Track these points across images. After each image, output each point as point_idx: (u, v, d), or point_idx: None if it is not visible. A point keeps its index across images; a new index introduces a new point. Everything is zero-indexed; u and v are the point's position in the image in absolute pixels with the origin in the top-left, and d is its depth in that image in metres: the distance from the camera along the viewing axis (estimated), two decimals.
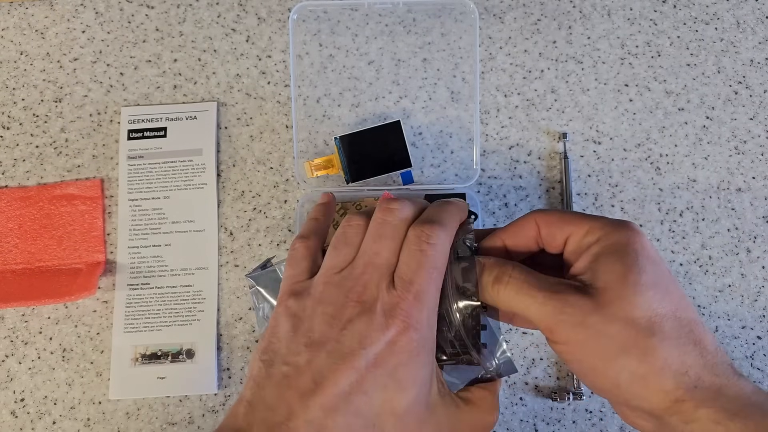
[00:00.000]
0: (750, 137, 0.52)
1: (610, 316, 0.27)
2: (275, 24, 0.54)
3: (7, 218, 0.50)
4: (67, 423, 0.47)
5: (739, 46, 0.53)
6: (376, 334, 0.28)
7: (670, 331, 0.26)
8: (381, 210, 0.31)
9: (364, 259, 0.30)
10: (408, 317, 0.28)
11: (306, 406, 0.27)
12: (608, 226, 0.29)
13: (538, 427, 0.47)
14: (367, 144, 0.47)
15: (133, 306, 0.49)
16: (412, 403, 0.29)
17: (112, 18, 0.54)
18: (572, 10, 0.54)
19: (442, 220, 0.31)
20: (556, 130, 0.52)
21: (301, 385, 0.28)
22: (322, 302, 0.30)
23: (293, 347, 0.29)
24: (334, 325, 0.29)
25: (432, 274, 0.29)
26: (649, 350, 0.26)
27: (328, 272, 0.31)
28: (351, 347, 0.28)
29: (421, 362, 0.29)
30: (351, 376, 0.27)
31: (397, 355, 0.28)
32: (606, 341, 0.27)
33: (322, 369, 0.28)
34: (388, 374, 0.28)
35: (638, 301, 0.26)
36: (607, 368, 0.27)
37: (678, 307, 0.27)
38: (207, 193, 0.51)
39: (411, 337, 0.28)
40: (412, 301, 0.28)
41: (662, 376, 0.26)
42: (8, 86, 0.53)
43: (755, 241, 0.50)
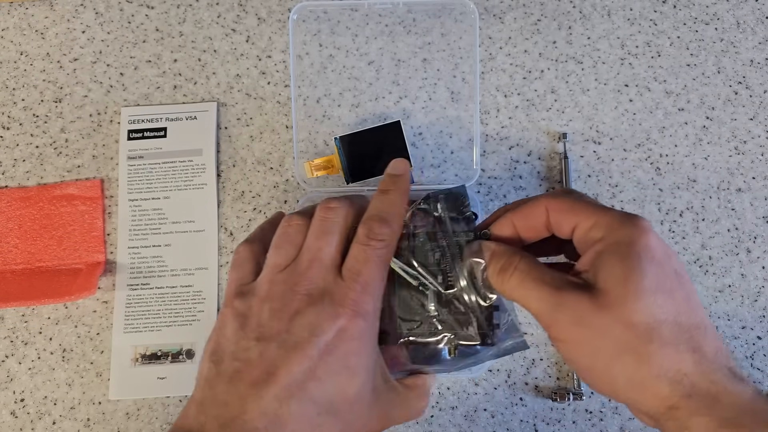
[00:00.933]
0: (750, 137, 0.52)
1: (609, 318, 0.27)
2: (275, 24, 0.54)
3: (7, 218, 0.50)
4: (67, 423, 0.47)
5: (739, 46, 0.53)
6: (326, 323, 0.29)
7: (668, 337, 0.26)
8: (322, 209, 0.33)
9: (308, 256, 0.31)
10: (357, 306, 0.29)
11: (260, 396, 0.27)
12: (614, 222, 0.28)
13: (538, 427, 0.47)
14: (367, 144, 0.47)
15: (133, 306, 0.49)
16: (362, 388, 0.30)
17: (112, 18, 0.54)
18: (572, 10, 0.54)
19: (387, 215, 0.32)
20: (556, 130, 0.52)
21: (253, 378, 0.28)
22: (268, 299, 0.30)
23: (243, 343, 0.29)
24: (283, 317, 0.29)
25: (379, 267, 0.31)
26: (646, 357, 0.26)
27: (272, 271, 0.31)
28: (302, 336, 0.28)
29: (369, 350, 0.30)
30: (304, 364, 0.28)
31: (348, 343, 0.29)
32: (604, 343, 0.27)
33: (274, 360, 0.28)
34: (340, 361, 0.29)
35: (638, 307, 0.26)
36: (604, 370, 0.27)
37: (680, 311, 0.27)
38: (207, 193, 0.51)
39: (360, 325, 0.29)
40: (360, 291, 0.30)
41: (657, 383, 0.26)
42: (8, 86, 0.53)
43: (755, 241, 0.50)
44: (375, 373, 0.31)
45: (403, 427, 0.47)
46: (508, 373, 0.48)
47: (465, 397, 0.48)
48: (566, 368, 0.48)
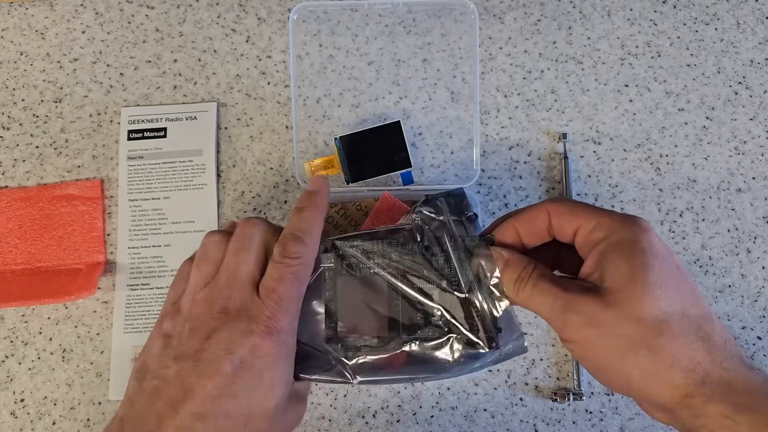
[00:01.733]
0: (750, 137, 0.52)
1: (619, 316, 0.27)
2: (275, 24, 0.54)
3: (7, 219, 0.50)
4: (67, 423, 0.47)
5: (739, 46, 0.53)
6: (240, 339, 0.30)
7: (678, 328, 0.27)
8: (240, 226, 0.34)
9: (226, 273, 0.32)
10: (270, 322, 0.30)
11: (176, 413, 0.28)
12: (616, 222, 0.29)
13: (538, 427, 0.47)
14: (367, 144, 0.47)
15: (133, 306, 0.49)
16: (279, 401, 0.31)
17: (112, 18, 0.54)
18: (572, 10, 0.54)
19: (302, 234, 0.32)
20: (556, 130, 0.52)
21: (170, 395, 0.29)
22: (189, 318, 0.31)
23: (163, 361, 0.30)
24: (200, 336, 0.30)
25: (294, 284, 0.31)
26: (658, 348, 0.27)
27: (194, 289, 0.32)
28: (216, 354, 0.29)
29: (285, 365, 0.31)
30: (218, 381, 0.29)
31: (262, 359, 0.30)
32: (615, 340, 0.27)
33: (190, 377, 0.29)
34: (255, 377, 0.30)
35: (646, 301, 0.27)
36: (617, 366, 0.28)
37: (686, 303, 0.27)
38: (207, 193, 0.51)
39: (273, 341, 0.30)
40: (274, 308, 0.30)
41: (671, 373, 0.27)
42: (8, 87, 0.53)
43: (755, 241, 0.50)
44: (290, 384, 0.32)
45: (403, 427, 0.47)
46: (508, 374, 0.48)
47: (465, 397, 0.48)
48: (566, 368, 0.48)
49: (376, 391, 0.48)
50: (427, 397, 0.47)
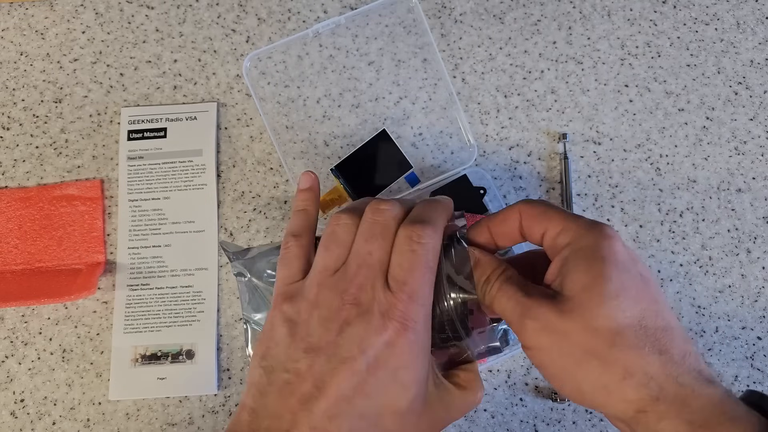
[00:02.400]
0: (750, 138, 0.52)
1: (572, 323, 0.26)
2: (275, 24, 0.54)
3: (7, 219, 0.50)
4: (67, 424, 0.47)
5: (739, 46, 0.53)
6: (374, 336, 0.28)
7: (632, 340, 0.26)
8: (371, 210, 0.31)
9: (357, 260, 0.30)
10: (405, 318, 0.28)
11: (309, 412, 0.27)
12: (581, 229, 0.28)
13: (538, 427, 0.47)
14: (362, 162, 0.47)
15: (133, 306, 0.49)
16: (413, 401, 0.29)
17: (112, 18, 0.54)
18: (572, 10, 0.54)
19: (430, 219, 0.31)
20: (556, 130, 0.52)
21: (303, 392, 0.28)
22: (317, 305, 0.30)
23: (292, 353, 0.29)
24: (332, 328, 0.29)
25: (425, 274, 0.29)
26: (610, 360, 0.26)
27: (321, 274, 0.31)
28: (350, 351, 0.28)
29: (420, 362, 0.29)
30: (352, 379, 0.28)
31: (397, 357, 0.28)
32: (568, 349, 0.27)
33: (323, 374, 0.28)
34: (389, 376, 0.28)
35: (601, 312, 0.26)
36: (569, 375, 0.27)
37: (646, 314, 0.26)
38: (207, 193, 0.51)
39: (409, 338, 0.28)
40: (407, 302, 0.28)
41: (623, 387, 0.26)
42: (8, 87, 0.53)
43: (755, 241, 0.50)
44: (427, 383, 0.30)
45: None
46: (508, 374, 0.48)
47: None
48: None
49: None
50: None
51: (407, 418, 0.29)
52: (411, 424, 0.29)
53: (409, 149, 0.51)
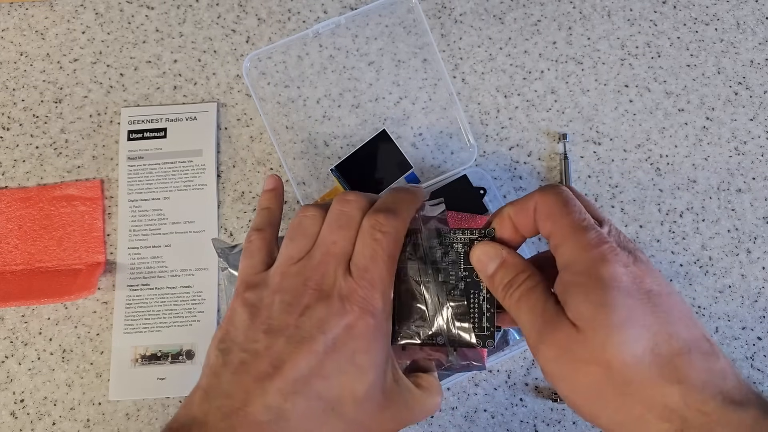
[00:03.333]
0: (750, 138, 0.52)
1: (586, 355, 0.25)
2: (275, 25, 0.54)
3: (7, 219, 0.50)
4: (67, 424, 0.47)
5: (739, 46, 0.53)
6: (334, 319, 0.28)
7: (647, 373, 0.24)
8: (338, 201, 0.32)
9: (321, 249, 0.31)
10: (365, 303, 0.29)
11: (264, 390, 0.27)
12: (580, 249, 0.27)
13: (539, 428, 0.47)
14: (362, 163, 0.47)
15: (132, 307, 0.49)
16: (371, 387, 0.29)
17: (112, 19, 0.54)
18: (572, 11, 0.54)
19: (394, 208, 0.31)
20: (556, 130, 0.52)
21: (259, 370, 0.28)
22: (279, 291, 0.30)
23: (251, 335, 0.29)
24: (293, 311, 0.29)
25: (386, 262, 0.30)
26: (627, 397, 0.25)
27: (285, 263, 0.31)
28: (310, 332, 0.28)
29: (378, 347, 0.29)
30: (310, 359, 0.28)
31: (356, 340, 0.28)
32: (584, 382, 0.26)
33: (280, 353, 0.28)
34: (347, 359, 0.28)
35: (609, 344, 0.25)
36: (587, 408, 0.26)
37: (657, 340, 0.25)
38: (207, 193, 0.51)
39: (368, 323, 0.29)
40: (368, 288, 0.29)
41: (642, 424, 0.25)
42: (8, 87, 0.53)
43: (755, 241, 0.50)
44: (385, 373, 0.30)
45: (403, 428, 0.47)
46: (508, 374, 0.48)
47: (465, 397, 0.48)
48: None
49: None
50: None
51: (365, 406, 0.29)
52: (369, 414, 0.29)
53: (409, 149, 0.51)
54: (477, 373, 0.48)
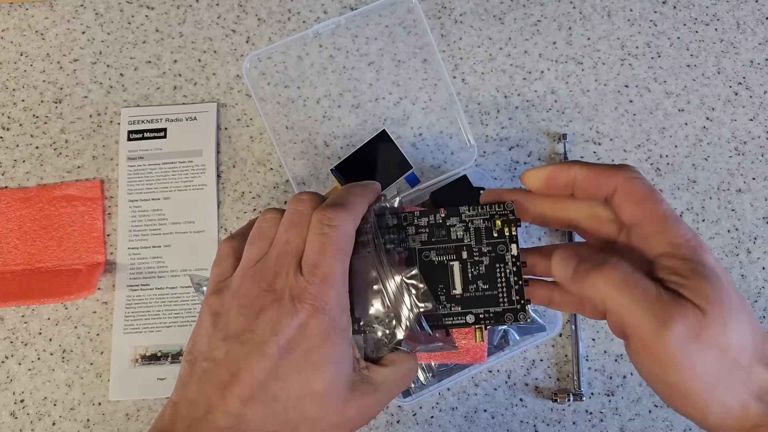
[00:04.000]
0: (750, 138, 0.52)
1: (709, 342, 0.26)
2: (275, 25, 0.54)
3: (6, 219, 0.50)
4: (67, 424, 0.47)
5: (739, 47, 0.53)
6: (285, 319, 0.28)
7: (754, 355, 0.26)
8: (292, 201, 0.32)
9: (276, 249, 0.31)
10: (316, 300, 0.29)
11: (224, 397, 0.28)
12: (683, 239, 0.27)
13: (539, 428, 0.47)
14: (362, 163, 0.47)
15: (132, 307, 0.49)
16: (331, 383, 0.29)
17: (112, 19, 0.54)
18: (572, 11, 0.54)
19: (344, 202, 0.31)
20: (556, 131, 0.52)
21: (219, 378, 0.28)
22: (237, 295, 0.30)
23: (212, 342, 0.29)
24: (248, 315, 0.29)
25: (337, 255, 0.29)
26: (740, 380, 0.26)
27: (244, 266, 0.31)
28: (263, 335, 0.28)
29: (333, 343, 0.29)
30: (265, 363, 0.28)
31: (309, 339, 0.28)
32: (703, 369, 0.26)
33: (237, 360, 0.28)
34: (302, 358, 0.28)
35: (732, 328, 0.26)
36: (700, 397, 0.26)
37: (754, 328, 0.27)
38: (207, 194, 0.51)
39: (320, 320, 0.28)
40: (319, 285, 0.29)
41: (748, 406, 0.26)
42: (8, 87, 0.53)
43: (755, 242, 0.50)
44: (348, 366, 0.30)
45: (403, 428, 0.47)
46: (508, 374, 0.48)
47: (465, 397, 0.48)
48: (566, 369, 0.48)
49: None
50: (427, 397, 0.47)
51: (328, 402, 0.29)
52: (334, 409, 0.29)
53: (409, 149, 0.51)
54: (477, 373, 0.48)
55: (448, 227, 0.32)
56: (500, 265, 0.31)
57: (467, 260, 0.31)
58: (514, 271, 0.31)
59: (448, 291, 0.31)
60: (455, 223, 0.32)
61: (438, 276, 0.31)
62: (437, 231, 0.32)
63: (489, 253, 0.31)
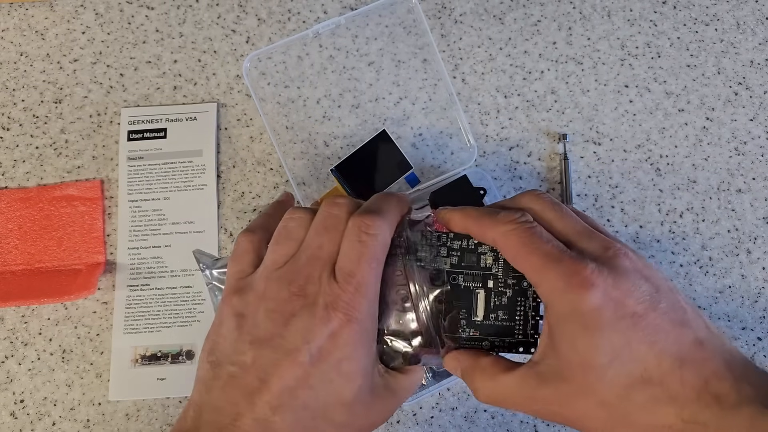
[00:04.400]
0: (750, 138, 0.52)
1: (584, 405, 0.26)
2: (275, 25, 0.54)
3: (6, 219, 0.50)
4: (67, 424, 0.47)
5: (739, 47, 0.53)
6: (318, 327, 0.28)
7: (640, 399, 0.26)
8: (326, 204, 0.31)
9: (307, 253, 0.30)
10: (350, 309, 0.28)
11: (253, 404, 0.27)
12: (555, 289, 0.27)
13: (539, 428, 0.47)
14: (362, 163, 0.47)
15: (132, 307, 0.49)
16: (358, 392, 0.29)
17: (112, 19, 0.54)
18: (572, 11, 0.54)
19: (381, 210, 0.30)
20: (556, 131, 0.52)
21: (247, 384, 0.28)
22: (264, 298, 0.29)
23: (239, 346, 0.29)
24: (278, 320, 0.29)
25: (372, 265, 0.29)
26: (629, 426, 0.26)
27: (270, 267, 0.30)
28: (294, 343, 0.28)
29: (364, 353, 0.29)
30: (296, 371, 0.28)
31: (341, 349, 0.28)
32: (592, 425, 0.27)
33: (266, 366, 0.28)
34: (333, 367, 0.28)
35: (601, 386, 0.26)
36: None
37: (646, 365, 0.26)
38: (207, 194, 0.51)
39: (353, 329, 0.28)
40: (353, 293, 0.28)
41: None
42: (8, 87, 0.53)
43: (755, 242, 0.50)
44: (372, 375, 0.30)
45: (403, 428, 0.47)
46: None
47: (465, 398, 0.48)
48: None
49: None
50: (427, 397, 0.47)
51: (355, 409, 0.29)
52: (359, 415, 0.29)
53: (409, 150, 0.51)
54: None
55: (479, 254, 0.32)
56: (521, 299, 0.31)
57: (492, 289, 0.31)
58: (533, 306, 0.31)
59: (470, 316, 0.31)
60: (486, 251, 0.32)
61: (462, 300, 0.32)
62: (468, 256, 0.32)
63: (513, 286, 0.31)
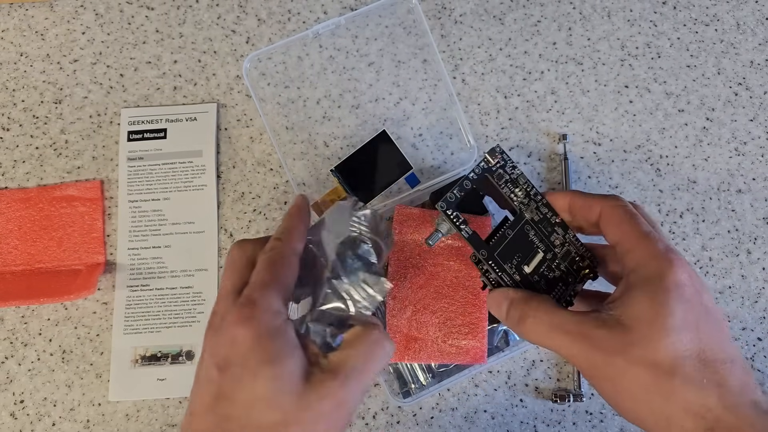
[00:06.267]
0: (750, 138, 0.52)
1: (635, 357, 0.28)
2: (275, 25, 0.54)
3: (6, 220, 0.50)
4: (67, 425, 0.47)
5: (739, 47, 0.53)
6: (221, 341, 0.30)
7: (691, 373, 0.27)
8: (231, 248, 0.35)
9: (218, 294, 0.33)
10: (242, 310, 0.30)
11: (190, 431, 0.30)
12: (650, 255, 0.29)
13: (539, 428, 0.47)
14: (362, 163, 0.47)
15: (132, 307, 0.49)
16: (274, 381, 0.29)
17: (112, 19, 0.54)
18: (572, 11, 0.54)
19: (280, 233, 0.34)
20: (556, 131, 0.52)
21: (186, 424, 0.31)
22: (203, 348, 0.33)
23: None
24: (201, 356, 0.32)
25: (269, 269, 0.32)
26: (671, 393, 0.27)
27: None
28: (206, 366, 0.31)
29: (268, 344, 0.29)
30: (210, 389, 0.30)
31: (240, 347, 0.29)
32: (631, 382, 0.28)
33: (191, 398, 0.31)
34: (239, 368, 0.29)
35: (662, 345, 0.27)
36: (634, 408, 0.29)
37: (705, 347, 0.28)
38: (207, 194, 0.51)
39: (247, 327, 0.29)
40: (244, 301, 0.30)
41: (683, 418, 0.27)
42: (8, 88, 0.53)
43: (755, 242, 0.50)
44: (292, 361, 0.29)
45: (403, 428, 0.47)
46: (509, 375, 0.48)
47: (465, 398, 0.48)
48: (567, 369, 0.48)
49: (376, 392, 0.47)
50: (427, 398, 0.47)
51: (280, 401, 0.28)
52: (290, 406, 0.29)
53: (409, 150, 0.51)
54: (477, 374, 0.48)
55: (553, 229, 0.35)
56: (561, 285, 0.34)
57: (548, 260, 0.34)
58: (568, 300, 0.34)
59: (520, 264, 0.34)
60: (560, 233, 0.35)
61: (522, 248, 0.34)
62: (545, 224, 0.35)
63: (562, 271, 0.34)
